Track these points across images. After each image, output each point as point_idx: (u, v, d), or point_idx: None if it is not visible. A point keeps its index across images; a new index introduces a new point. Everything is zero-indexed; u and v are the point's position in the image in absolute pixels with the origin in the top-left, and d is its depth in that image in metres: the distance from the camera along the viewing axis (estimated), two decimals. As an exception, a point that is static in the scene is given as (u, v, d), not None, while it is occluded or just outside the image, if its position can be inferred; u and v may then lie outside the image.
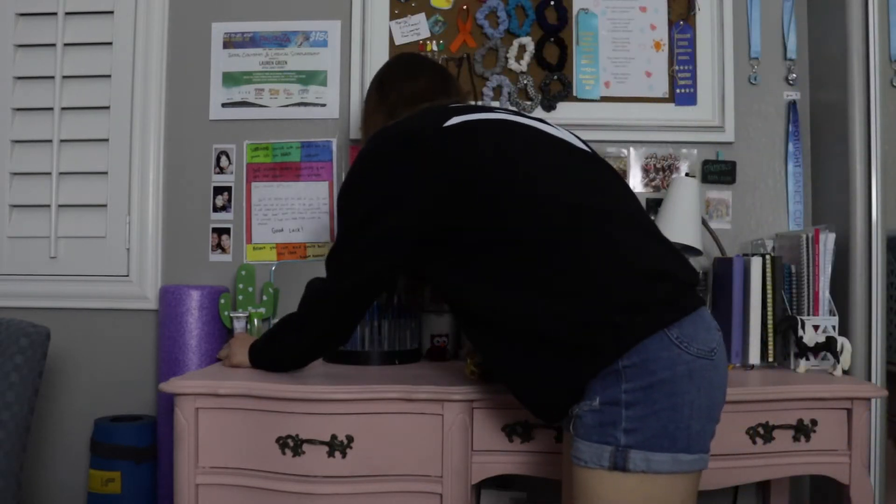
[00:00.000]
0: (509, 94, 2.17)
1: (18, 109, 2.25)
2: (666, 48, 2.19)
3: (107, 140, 2.22)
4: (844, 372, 1.75)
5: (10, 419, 1.70)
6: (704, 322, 1.20)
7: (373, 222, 1.33)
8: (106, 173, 2.22)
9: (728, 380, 1.68)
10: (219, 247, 2.21)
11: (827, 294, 1.86)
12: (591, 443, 1.15)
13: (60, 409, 2.23)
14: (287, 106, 2.21)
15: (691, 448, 1.14)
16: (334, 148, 2.20)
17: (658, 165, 2.19)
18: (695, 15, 2.18)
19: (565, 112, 2.17)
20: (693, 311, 1.18)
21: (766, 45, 2.19)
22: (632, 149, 2.19)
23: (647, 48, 2.19)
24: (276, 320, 2.10)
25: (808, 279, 1.86)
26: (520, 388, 1.30)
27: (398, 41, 2.19)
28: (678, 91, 2.18)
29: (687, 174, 2.17)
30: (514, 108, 1.64)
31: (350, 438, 1.53)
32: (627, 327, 1.14)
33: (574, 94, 2.18)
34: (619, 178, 1.38)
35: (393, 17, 2.19)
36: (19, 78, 2.25)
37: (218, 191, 2.22)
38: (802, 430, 1.60)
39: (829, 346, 1.75)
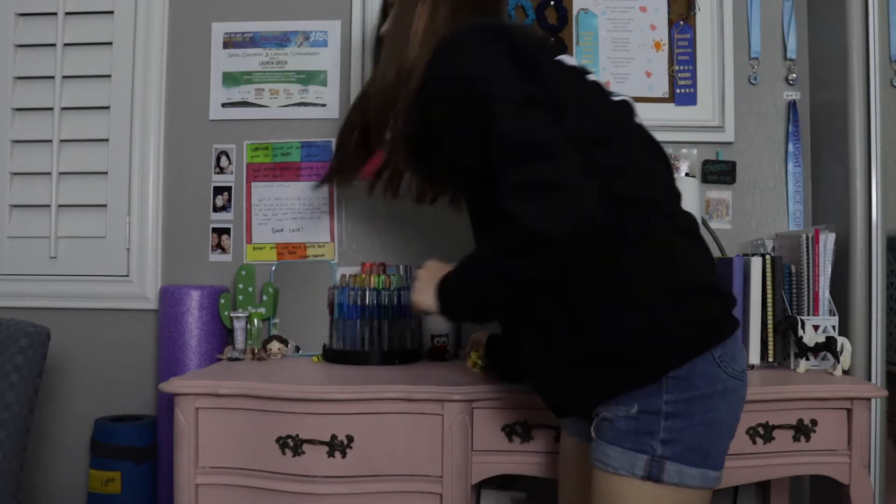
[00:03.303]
0: (509, 94, 2.16)
1: (18, 109, 2.25)
2: (666, 48, 2.19)
3: (107, 140, 2.22)
4: (844, 372, 1.75)
5: (10, 419, 1.70)
6: (739, 342, 1.20)
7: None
8: (106, 173, 2.22)
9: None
10: (219, 247, 2.21)
11: (827, 294, 1.86)
12: (625, 449, 1.13)
13: (60, 409, 2.23)
14: (287, 106, 2.21)
15: (717, 465, 1.14)
16: (334, 148, 2.19)
17: (658, 165, 2.19)
18: (695, 15, 2.18)
19: (565, 112, 2.17)
20: (734, 332, 1.18)
21: (766, 45, 2.19)
22: (632, 149, 2.19)
23: (647, 48, 2.19)
24: (276, 321, 2.10)
25: (808, 279, 1.86)
26: (548, 378, 1.24)
27: (398, 41, 2.19)
28: (678, 91, 2.18)
29: (687, 174, 2.17)
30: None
31: (350, 438, 1.53)
32: (685, 343, 1.12)
33: (574, 94, 2.18)
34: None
35: (393, 17, 2.19)
36: (19, 78, 2.25)
37: (218, 191, 2.22)
38: (802, 430, 1.60)
39: (829, 346, 1.75)
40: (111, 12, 2.22)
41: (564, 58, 1.26)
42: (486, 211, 1.25)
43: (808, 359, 1.80)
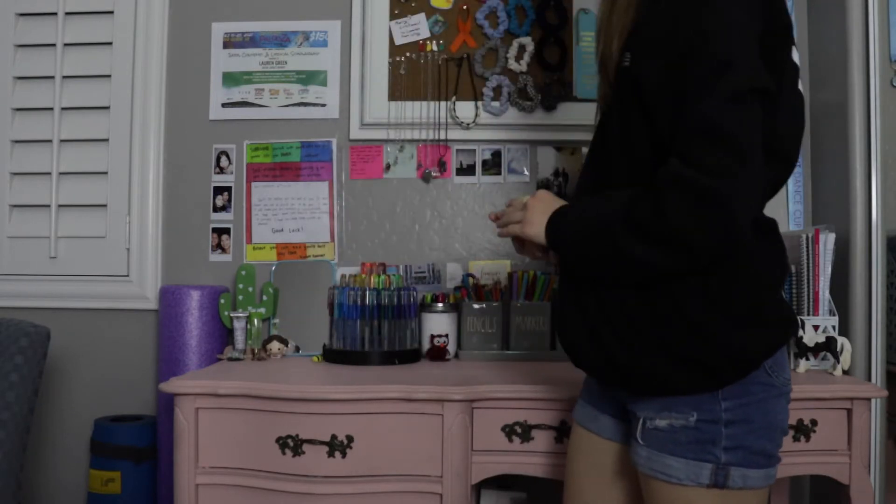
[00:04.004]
0: (509, 94, 2.16)
1: (18, 109, 2.25)
2: (666, 48, 2.19)
3: (107, 140, 2.22)
4: (844, 372, 1.75)
5: (10, 419, 1.70)
6: (785, 351, 1.18)
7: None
8: (106, 173, 2.22)
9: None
10: (219, 247, 2.21)
11: (827, 294, 1.86)
12: (688, 460, 1.10)
13: (60, 409, 2.23)
14: (287, 106, 2.21)
15: (776, 461, 1.14)
16: (334, 148, 2.20)
17: (658, 165, 2.18)
18: (695, 15, 2.18)
19: (565, 112, 2.17)
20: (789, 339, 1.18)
21: (766, 45, 2.19)
22: (632, 149, 2.19)
23: (647, 48, 2.19)
24: (276, 321, 2.10)
25: (808, 279, 1.86)
26: (607, 342, 1.15)
27: (398, 41, 2.19)
28: (678, 91, 2.18)
29: (687, 174, 2.17)
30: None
31: (350, 438, 1.53)
32: (753, 354, 1.10)
33: (574, 94, 2.18)
34: None
35: (393, 17, 2.19)
36: (19, 78, 2.25)
37: (218, 191, 2.22)
38: (802, 430, 1.60)
39: (829, 346, 1.75)
40: (111, 12, 2.23)
41: (794, 50, 1.17)
42: (626, 149, 1.14)
43: (808, 359, 1.80)
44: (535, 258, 1.26)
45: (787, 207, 2.17)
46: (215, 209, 2.22)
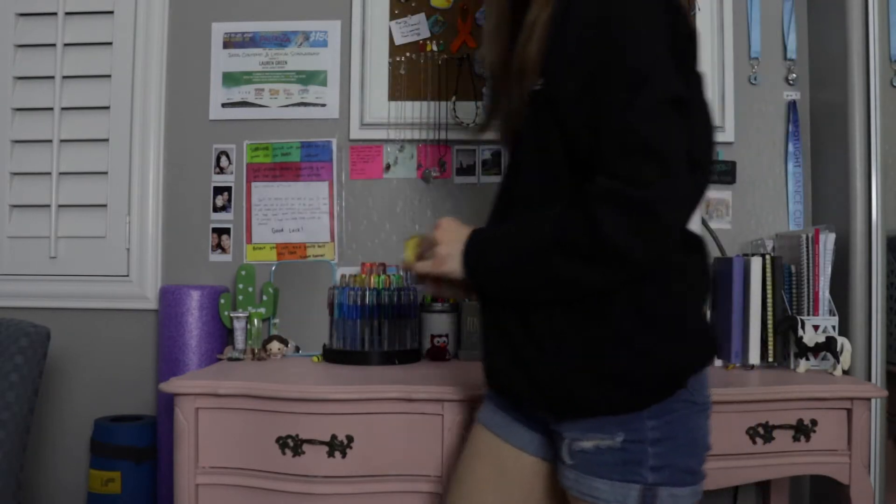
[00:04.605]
0: (509, 94, 2.16)
1: (18, 109, 2.25)
2: (666, 48, 2.19)
3: (107, 140, 2.22)
4: (844, 372, 1.75)
5: (10, 419, 1.70)
6: (707, 370, 1.16)
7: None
8: (106, 173, 2.22)
9: (727, 380, 1.69)
10: (219, 247, 2.21)
11: (827, 294, 1.86)
12: (615, 482, 1.08)
13: (60, 409, 2.23)
14: (287, 106, 2.21)
15: (702, 477, 1.13)
16: (334, 148, 2.20)
17: (658, 165, 2.19)
18: (695, 15, 2.18)
19: (565, 112, 2.17)
20: (712, 359, 1.18)
21: (766, 45, 2.19)
22: (632, 149, 2.19)
23: (647, 48, 2.19)
24: (276, 321, 2.10)
25: (808, 279, 1.86)
26: (524, 360, 1.12)
27: (398, 41, 2.19)
28: (678, 91, 2.18)
29: (687, 174, 2.17)
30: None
31: (350, 438, 1.53)
32: (679, 371, 1.09)
33: (574, 94, 2.18)
34: None
35: (393, 17, 2.19)
36: (19, 78, 2.25)
37: (218, 191, 2.22)
38: (802, 430, 1.60)
39: (829, 346, 1.75)
40: (111, 12, 2.22)
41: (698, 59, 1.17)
42: (542, 174, 1.11)
43: (808, 359, 1.80)
44: (457, 297, 1.19)
45: (787, 207, 2.17)
46: (215, 209, 2.22)
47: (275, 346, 1.99)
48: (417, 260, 1.19)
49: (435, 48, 2.19)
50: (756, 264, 1.86)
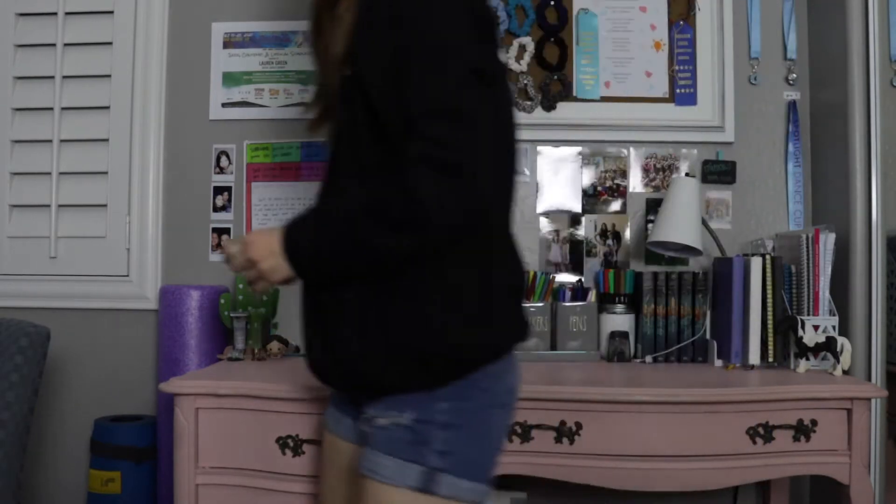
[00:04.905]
0: (509, 94, 2.16)
1: (18, 109, 2.25)
2: (666, 48, 2.19)
3: (107, 140, 2.22)
4: (844, 372, 1.75)
5: (10, 419, 1.70)
6: (514, 361, 1.16)
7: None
8: (106, 173, 2.22)
9: (727, 380, 1.69)
10: (219, 247, 2.21)
11: (827, 294, 1.86)
12: (399, 460, 1.06)
13: (60, 409, 2.23)
14: (287, 106, 2.21)
15: (489, 479, 1.10)
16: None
17: (658, 165, 2.19)
18: (695, 15, 2.18)
19: (565, 112, 2.17)
20: (518, 344, 1.16)
21: (766, 45, 2.19)
22: (632, 149, 2.19)
23: (647, 48, 2.19)
24: (276, 321, 2.10)
25: (808, 279, 1.86)
26: (337, 342, 1.12)
27: (398, 41, 2.19)
28: (678, 91, 2.18)
29: (687, 174, 2.17)
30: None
31: (350, 438, 1.53)
32: (477, 353, 1.08)
33: (574, 94, 2.18)
34: None
35: (393, 17, 2.19)
36: (19, 78, 2.25)
37: (218, 191, 2.22)
38: (802, 430, 1.60)
39: (829, 346, 1.75)
40: (111, 12, 2.22)
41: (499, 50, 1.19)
42: (357, 156, 1.12)
43: (808, 359, 1.80)
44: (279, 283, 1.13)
45: (787, 207, 2.17)
46: (215, 209, 2.22)
47: (275, 346, 1.99)
48: (238, 262, 1.17)
49: (435, 48, 2.18)
50: (756, 264, 1.86)
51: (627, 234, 2.18)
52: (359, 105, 1.09)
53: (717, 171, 2.16)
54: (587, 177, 2.20)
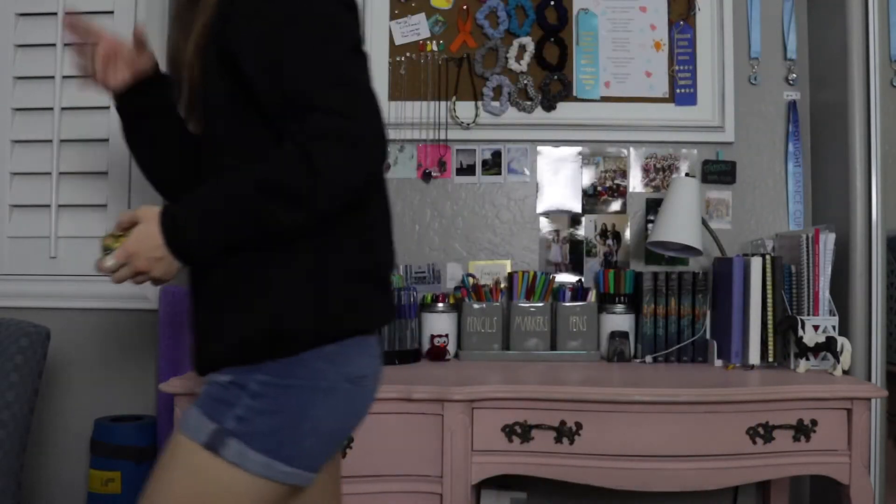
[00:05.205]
0: (509, 94, 2.16)
1: (18, 109, 2.24)
2: (666, 48, 2.19)
3: (107, 140, 2.22)
4: (844, 372, 1.75)
5: (10, 419, 1.70)
6: (370, 347, 1.15)
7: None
8: (106, 173, 2.22)
9: (727, 380, 1.69)
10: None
11: (827, 294, 1.86)
12: (200, 413, 1.07)
13: (60, 409, 2.22)
14: (287, 106, 2.21)
15: (294, 461, 1.07)
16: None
17: (658, 165, 2.19)
18: (695, 15, 2.18)
19: (565, 112, 2.17)
20: (367, 332, 1.15)
21: (766, 45, 2.19)
22: (632, 149, 2.19)
23: (647, 48, 2.19)
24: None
25: (808, 279, 1.86)
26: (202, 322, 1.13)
27: (398, 41, 2.19)
28: (678, 91, 2.18)
29: (687, 174, 2.17)
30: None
31: (350, 438, 1.53)
32: (299, 333, 1.07)
33: (574, 94, 2.18)
34: None
35: (393, 17, 2.19)
36: (19, 78, 2.25)
37: (218, 191, 2.21)
38: (802, 430, 1.60)
39: (829, 346, 1.75)
40: (111, 12, 2.22)
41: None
42: (238, 130, 1.10)
43: (808, 359, 1.80)
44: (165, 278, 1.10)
45: (788, 207, 2.17)
46: (215, 209, 2.21)
47: (275, 346, 1.99)
48: (121, 276, 1.13)
49: (435, 48, 2.19)
50: (756, 264, 1.86)
51: (627, 234, 2.18)
52: (229, 82, 1.07)
53: (717, 171, 2.16)
54: (587, 177, 2.20)
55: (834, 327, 1.84)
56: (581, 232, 2.19)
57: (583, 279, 2.14)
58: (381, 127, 1.04)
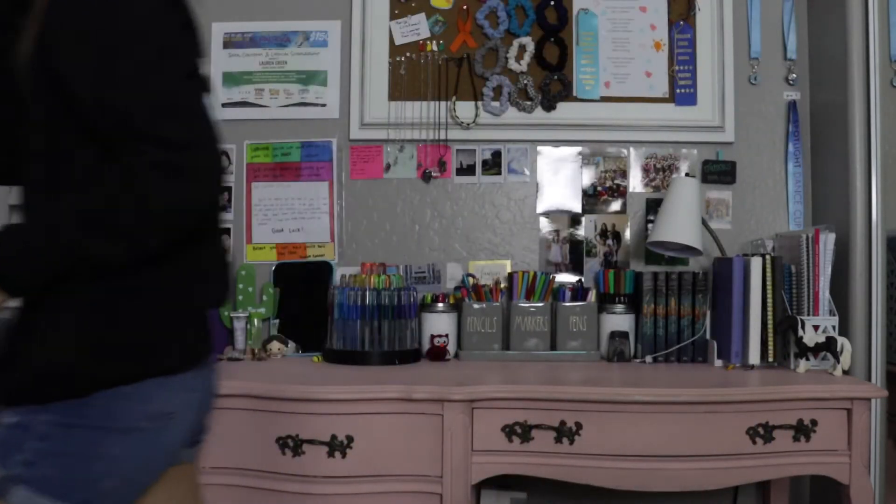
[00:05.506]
0: (509, 94, 2.17)
1: (18, 109, 2.24)
2: (666, 48, 2.19)
3: (107, 140, 2.22)
4: (844, 372, 1.75)
5: (10, 419, 1.70)
6: (175, 383, 1.06)
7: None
8: (106, 173, 2.22)
9: (727, 380, 1.69)
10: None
11: (827, 294, 1.86)
12: None
13: (60, 409, 2.22)
14: (287, 106, 2.21)
15: (89, 502, 1.01)
16: (334, 148, 2.20)
17: (658, 165, 2.19)
18: (695, 15, 2.18)
19: (565, 112, 2.17)
20: (172, 372, 1.06)
21: (766, 45, 2.19)
22: (632, 149, 2.19)
23: (647, 48, 2.19)
24: (276, 321, 2.10)
25: (808, 279, 1.86)
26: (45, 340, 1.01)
27: (398, 41, 2.19)
28: (678, 91, 2.18)
29: (687, 174, 2.17)
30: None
31: (350, 438, 1.53)
32: (96, 374, 0.99)
33: (574, 94, 2.18)
34: None
35: (393, 17, 2.19)
36: None
37: (218, 191, 2.21)
38: (802, 430, 1.60)
39: (829, 346, 1.75)
40: (111, 12, 2.22)
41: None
42: (59, 157, 1.03)
43: (808, 359, 1.80)
44: None
45: (787, 207, 2.17)
46: (215, 209, 2.21)
47: (275, 346, 1.99)
48: None
49: (435, 48, 2.19)
50: (756, 264, 1.86)
51: (627, 234, 2.18)
52: (54, 109, 1.01)
53: (717, 171, 2.16)
54: (587, 177, 2.20)
55: (834, 327, 1.84)
56: (581, 232, 2.19)
57: (583, 279, 2.14)
58: (216, 157, 0.99)
